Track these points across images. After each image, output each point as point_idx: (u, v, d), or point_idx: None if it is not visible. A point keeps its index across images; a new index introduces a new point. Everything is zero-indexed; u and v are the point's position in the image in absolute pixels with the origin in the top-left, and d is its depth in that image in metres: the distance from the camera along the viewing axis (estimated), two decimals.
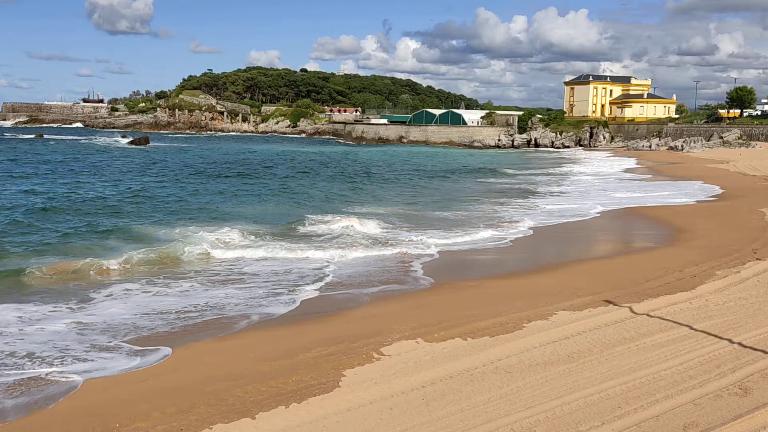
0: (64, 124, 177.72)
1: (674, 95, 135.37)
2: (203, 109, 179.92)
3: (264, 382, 10.28)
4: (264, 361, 11.32)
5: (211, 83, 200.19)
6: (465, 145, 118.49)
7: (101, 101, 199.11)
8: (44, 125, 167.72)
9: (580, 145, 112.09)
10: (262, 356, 11.57)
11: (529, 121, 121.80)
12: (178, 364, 11.29)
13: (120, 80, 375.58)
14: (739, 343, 11.50)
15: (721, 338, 11.81)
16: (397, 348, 11.72)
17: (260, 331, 13.24)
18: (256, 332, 13.14)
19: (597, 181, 49.30)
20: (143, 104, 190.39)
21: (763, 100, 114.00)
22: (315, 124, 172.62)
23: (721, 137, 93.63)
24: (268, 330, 13.28)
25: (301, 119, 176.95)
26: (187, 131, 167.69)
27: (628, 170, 60.32)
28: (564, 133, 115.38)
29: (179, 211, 29.59)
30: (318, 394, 9.76)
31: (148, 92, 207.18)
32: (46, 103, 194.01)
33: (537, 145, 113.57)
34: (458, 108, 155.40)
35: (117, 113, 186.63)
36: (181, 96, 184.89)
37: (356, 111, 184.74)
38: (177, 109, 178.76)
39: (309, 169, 60.13)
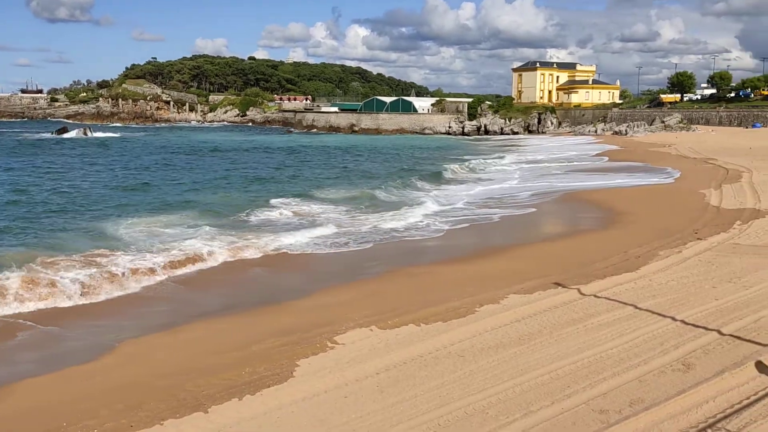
0: (2, 117, 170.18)
1: (618, 81, 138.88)
2: (148, 98, 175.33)
3: (216, 375, 10.13)
4: (216, 353, 11.17)
5: (155, 72, 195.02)
6: (416, 132, 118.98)
7: (40, 92, 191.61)
8: None
9: (529, 131, 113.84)
10: (214, 349, 11.41)
11: (479, 108, 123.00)
12: (125, 359, 11.04)
13: (60, 70, 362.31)
14: (682, 321, 11.89)
15: (664, 316, 12.19)
16: (351, 336, 11.71)
17: (211, 323, 13.04)
18: (207, 324, 12.94)
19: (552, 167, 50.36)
20: (84, 94, 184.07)
21: (703, 85, 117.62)
22: (265, 113, 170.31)
23: (663, 121, 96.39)
24: (219, 322, 13.10)
25: (251, 108, 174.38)
26: (132, 122, 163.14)
27: (571, 157, 61.54)
28: (513, 119, 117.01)
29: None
30: (272, 385, 9.68)
31: (89, 82, 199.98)
32: None
33: (487, 132, 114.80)
34: (409, 95, 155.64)
35: (57, 104, 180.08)
36: (124, 85, 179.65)
37: (306, 99, 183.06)
38: (120, 99, 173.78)
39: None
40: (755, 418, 8.10)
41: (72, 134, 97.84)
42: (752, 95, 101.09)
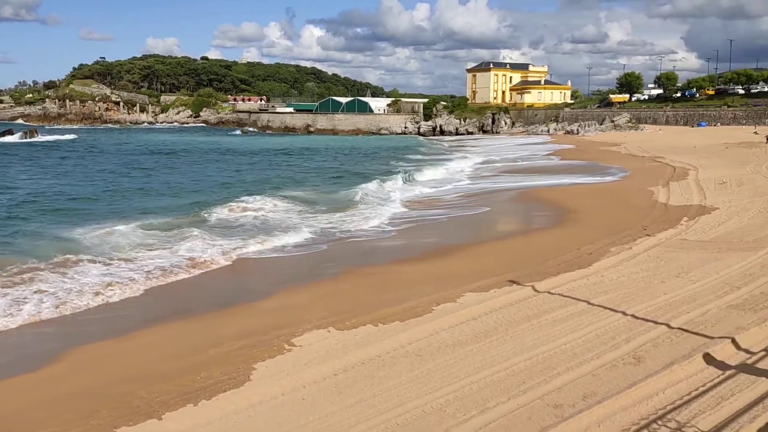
0: None
1: (569, 81, 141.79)
2: (97, 99, 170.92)
3: (170, 381, 9.94)
4: (170, 359, 10.96)
5: (104, 72, 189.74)
6: (372, 132, 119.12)
7: None
8: None
9: (483, 131, 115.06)
10: (169, 354, 11.20)
11: (434, 108, 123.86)
12: (76, 367, 10.74)
13: (4, 70, 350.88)
14: (632, 315, 12.19)
15: (615, 311, 12.47)
16: (309, 338, 11.64)
17: (166, 328, 12.79)
18: (162, 330, 12.69)
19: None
20: (30, 95, 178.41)
21: (650, 85, 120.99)
22: (218, 113, 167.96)
23: (613, 121, 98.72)
24: (175, 327, 12.86)
25: (204, 109, 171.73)
26: (80, 123, 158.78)
27: (525, 157, 62.47)
28: (468, 120, 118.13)
29: None
30: (228, 390, 9.55)
31: (35, 82, 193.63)
32: None
33: (442, 132, 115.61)
34: (364, 96, 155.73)
35: (2, 105, 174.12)
36: (71, 86, 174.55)
37: (261, 99, 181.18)
38: (68, 100, 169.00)
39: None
40: (704, 409, 8.35)
41: (15, 138, 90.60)
42: (697, 95, 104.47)
